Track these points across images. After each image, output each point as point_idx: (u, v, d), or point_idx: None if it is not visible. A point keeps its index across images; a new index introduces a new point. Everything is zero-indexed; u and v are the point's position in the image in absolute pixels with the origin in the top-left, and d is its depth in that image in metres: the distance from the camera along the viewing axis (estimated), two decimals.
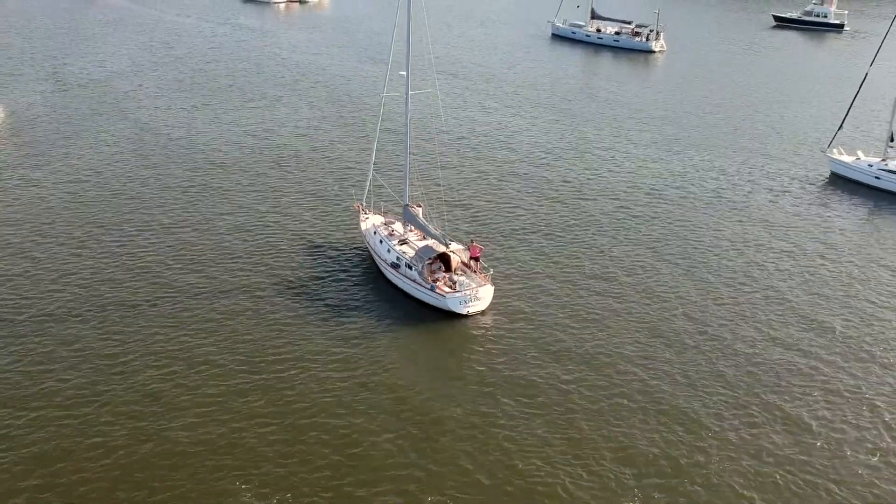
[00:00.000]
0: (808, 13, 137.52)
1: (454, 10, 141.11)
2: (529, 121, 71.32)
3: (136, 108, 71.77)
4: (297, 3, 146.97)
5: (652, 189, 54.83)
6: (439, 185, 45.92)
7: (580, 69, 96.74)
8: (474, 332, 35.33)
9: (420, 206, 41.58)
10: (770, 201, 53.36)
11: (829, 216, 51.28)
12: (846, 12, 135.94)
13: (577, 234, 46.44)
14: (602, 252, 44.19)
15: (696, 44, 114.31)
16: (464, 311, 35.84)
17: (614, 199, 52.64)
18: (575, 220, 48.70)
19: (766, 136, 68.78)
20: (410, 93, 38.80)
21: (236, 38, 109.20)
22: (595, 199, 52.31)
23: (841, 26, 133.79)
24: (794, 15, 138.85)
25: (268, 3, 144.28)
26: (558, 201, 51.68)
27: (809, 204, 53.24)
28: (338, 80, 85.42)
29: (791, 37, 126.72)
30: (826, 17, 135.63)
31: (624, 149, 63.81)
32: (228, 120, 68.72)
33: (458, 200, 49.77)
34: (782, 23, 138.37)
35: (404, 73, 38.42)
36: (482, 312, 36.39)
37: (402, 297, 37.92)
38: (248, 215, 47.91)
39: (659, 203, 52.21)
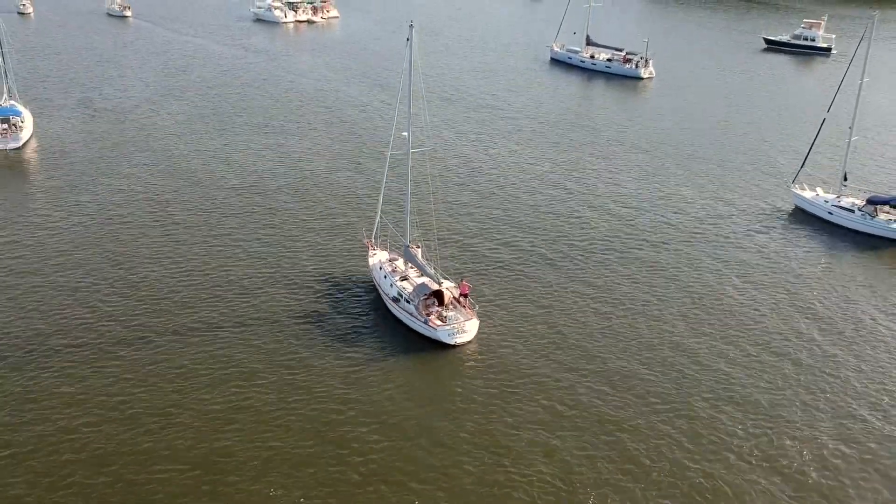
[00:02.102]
0: (797, 37, 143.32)
1: (457, 33, 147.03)
2: (521, 153, 77.23)
3: (158, 137, 78.05)
4: (306, 23, 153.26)
5: (630, 221, 60.61)
6: (434, 227, 51.89)
7: (574, 96, 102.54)
8: (461, 360, 41.47)
9: (419, 247, 47.83)
10: (735, 233, 59.11)
11: (782, 248, 57.06)
12: (833, 36, 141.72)
13: (556, 268, 52.43)
14: (579, 285, 50.20)
15: (685, 69, 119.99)
16: (452, 342, 41.99)
17: (592, 232, 58.55)
18: (554, 254, 54.69)
19: (741, 167, 74.51)
20: (412, 150, 45.00)
21: (248, 61, 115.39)
22: (574, 232, 58.24)
23: (829, 50, 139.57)
24: (784, 38, 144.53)
25: (277, 22, 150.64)
26: (541, 236, 57.66)
27: (768, 236, 59.01)
28: (346, 106, 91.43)
29: (780, 61, 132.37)
30: (814, 40, 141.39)
31: (605, 180, 69.61)
32: (243, 149, 74.92)
33: (452, 240, 55.69)
34: (773, 45, 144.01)
35: (406, 133, 44.55)
36: (469, 343, 42.57)
37: (402, 327, 44.15)
38: (266, 244, 54.13)
39: (635, 235, 58.04)
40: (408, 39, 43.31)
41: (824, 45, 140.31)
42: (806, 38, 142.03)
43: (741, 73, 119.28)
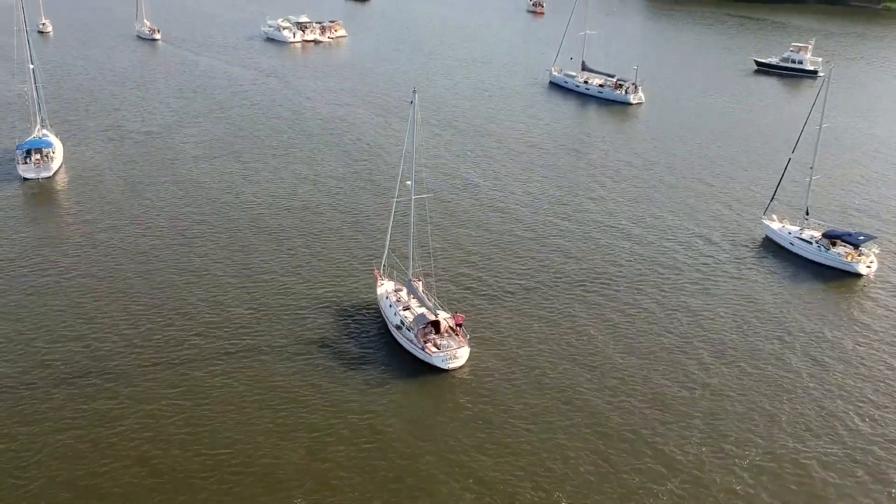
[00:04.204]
0: (786, 60, 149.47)
1: (459, 54, 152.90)
2: (513, 184, 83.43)
3: (179, 162, 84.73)
4: (313, 43, 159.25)
5: (615, 251, 66.76)
6: (432, 265, 58.05)
7: (566, 122, 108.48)
8: (452, 383, 47.99)
9: (420, 280, 54.31)
10: (710, 260, 65.16)
11: (747, 273, 63.30)
12: (820, 59, 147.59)
13: (542, 299, 58.78)
14: (563, 314, 56.54)
15: (674, 94, 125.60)
16: (445, 367, 48.45)
17: (577, 262, 64.77)
18: (540, 285, 61.03)
19: (721, 195, 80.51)
20: (414, 197, 51.45)
21: (259, 83, 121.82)
22: (559, 263, 64.48)
23: (815, 73, 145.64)
24: (774, 61, 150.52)
25: (285, 42, 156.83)
26: (528, 268, 63.93)
27: (739, 262, 65.09)
28: (356, 132, 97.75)
29: (768, 83, 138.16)
30: (801, 63, 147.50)
31: (591, 210, 75.81)
32: (259, 175, 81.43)
33: (449, 275, 61.77)
34: (763, 68, 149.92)
35: (410, 182, 51.00)
36: (461, 368, 49.01)
37: (403, 351, 50.60)
38: (282, 272, 60.62)
39: (621, 264, 64.28)
40: (411, 102, 49.63)
41: (811, 68, 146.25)
42: (794, 61, 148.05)
43: (729, 98, 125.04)
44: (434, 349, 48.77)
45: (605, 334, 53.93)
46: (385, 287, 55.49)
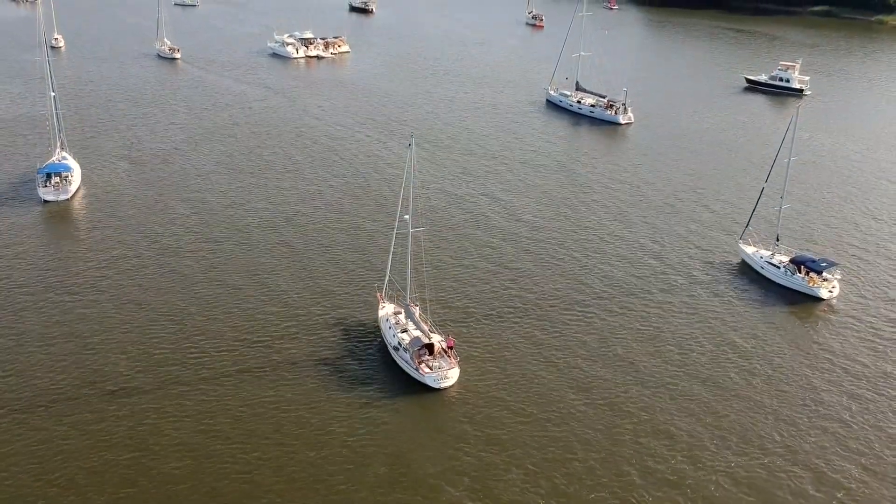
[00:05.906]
0: (774, 78, 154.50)
1: (461, 69, 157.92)
2: (503, 207, 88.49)
3: (191, 180, 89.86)
4: (316, 59, 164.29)
5: (602, 273, 71.77)
6: (426, 294, 62.78)
7: (559, 141, 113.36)
8: (443, 402, 53.12)
9: (417, 305, 59.49)
10: (689, 282, 70.16)
11: (720, 294, 68.37)
12: (808, 78, 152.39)
13: (530, 322, 63.89)
14: (550, 336, 61.63)
15: (664, 113, 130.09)
16: (437, 387, 53.59)
17: (556, 284, 69.65)
18: (523, 305, 66.15)
19: (702, 218, 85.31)
20: (411, 231, 56.62)
21: (266, 101, 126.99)
22: (546, 285, 69.49)
23: (801, 91, 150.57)
24: (763, 78, 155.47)
25: (289, 58, 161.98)
26: (515, 293, 68.96)
27: (715, 285, 69.98)
28: (357, 152, 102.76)
29: (756, 102, 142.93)
30: (788, 82, 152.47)
31: (572, 230, 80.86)
32: (266, 192, 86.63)
33: (443, 300, 66.37)
34: (753, 85, 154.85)
35: (408, 216, 56.15)
36: (451, 387, 54.12)
37: (400, 371, 55.73)
38: (285, 296, 65.78)
39: (597, 283, 69.33)
40: (409, 146, 54.78)
41: (798, 87, 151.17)
42: (782, 80, 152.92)
43: (717, 117, 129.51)
44: (427, 370, 53.91)
45: (586, 353, 58.99)
46: (386, 310, 60.65)
